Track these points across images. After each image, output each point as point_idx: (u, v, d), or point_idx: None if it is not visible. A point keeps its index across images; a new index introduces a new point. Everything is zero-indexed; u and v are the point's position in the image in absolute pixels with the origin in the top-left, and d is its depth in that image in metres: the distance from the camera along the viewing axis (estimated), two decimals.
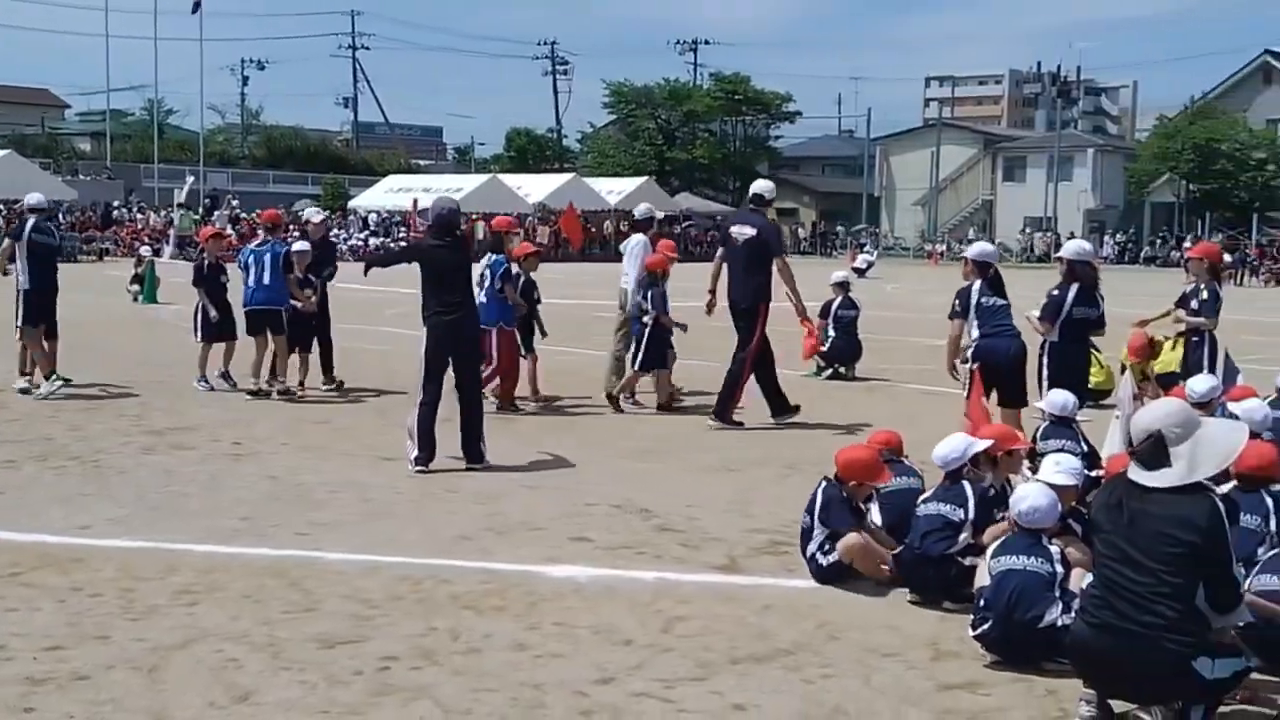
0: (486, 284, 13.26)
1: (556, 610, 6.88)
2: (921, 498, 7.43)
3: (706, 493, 9.85)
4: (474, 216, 56.09)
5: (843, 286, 18.05)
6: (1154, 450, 5.19)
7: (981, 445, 7.52)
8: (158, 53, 73.88)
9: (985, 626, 6.22)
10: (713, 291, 13.35)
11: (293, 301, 14.33)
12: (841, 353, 17.38)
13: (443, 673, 5.93)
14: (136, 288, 28.47)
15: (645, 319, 13.75)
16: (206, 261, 15.22)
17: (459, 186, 58.99)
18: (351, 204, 63.02)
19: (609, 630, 6.56)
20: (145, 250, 33.54)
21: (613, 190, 64.05)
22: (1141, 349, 13.24)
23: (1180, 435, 5.19)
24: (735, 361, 12.87)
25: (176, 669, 5.91)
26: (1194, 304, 12.21)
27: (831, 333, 17.37)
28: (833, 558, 7.39)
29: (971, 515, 7.10)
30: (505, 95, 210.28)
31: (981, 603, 6.30)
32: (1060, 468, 6.99)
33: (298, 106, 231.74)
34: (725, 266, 13.20)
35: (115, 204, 56.39)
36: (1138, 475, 5.23)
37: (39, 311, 13.92)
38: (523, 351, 13.85)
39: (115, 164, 67.60)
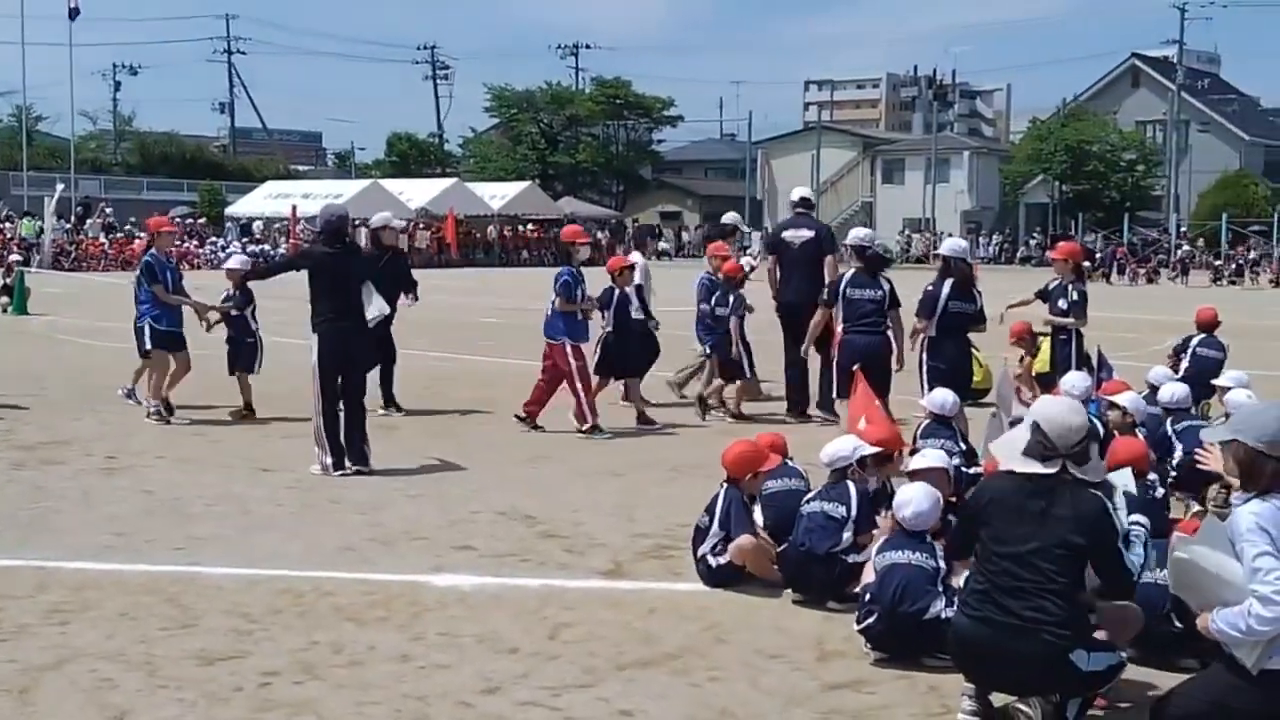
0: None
1: (441, 620, 6.83)
2: (805, 498, 7.50)
3: (591, 498, 9.85)
4: (414, 221, 55.79)
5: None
6: (1088, 447, 5.34)
7: (869, 450, 7.61)
8: (25, 57, 71.93)
9: (870, 620, 6.30)
10: (779, 294, 13.70)
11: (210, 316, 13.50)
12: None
13: (325, 686, 5.84)
14: (5, 299, 27.67)
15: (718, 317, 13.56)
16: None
17: (339, 192, 58.13)
18: (229, 211, 61.91)
19: (494, 639, 6.52)
20: (15, 259, 32.61)
21: (495, 195, 63.80)
22: (1023, 333, 13.65)
23: (1093, 431, 5.40)
24: (793, 361, 13.39)
25: (49, 690, 5.75)
26: (1062, 304, 12.49)
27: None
28: (723, 559, 7.42)
29: (854, 513, 7.20)
30: (386, 100, 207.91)
31: (867, 597, 6.39)
32: (926, 454, 7.22)
33: (172, 112, 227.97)
34: (779, 269, 13.64)
35: None
36: (1077, 472, 5.31)
37: None
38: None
39: None
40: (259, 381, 13.48)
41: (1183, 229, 64.75)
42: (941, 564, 6.37)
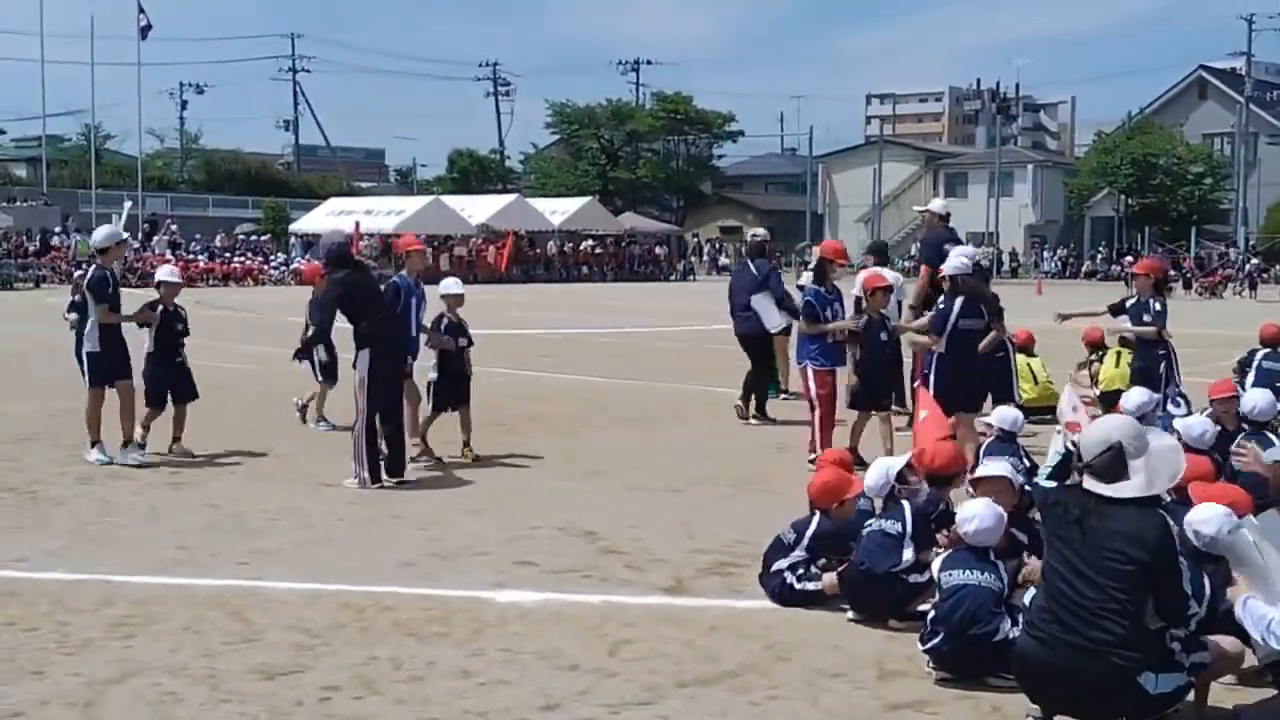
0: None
1: (501, 636, 6.83)
2: (867, 521, 7.46)
3: (650, 514, 9.83)
4: (479, 238, 56.07)
5: None
6: (1114, 462, 5.21)
7: (899, 462, 7.60)
8: (95, 77, 73.21)
9: (935, 641, 6.24)
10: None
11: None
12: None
13: (385, 702, 5.87)
14: (74, 316, 28.07)
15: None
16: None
17: (401, 209, 58.81)
18: (293, 227, 62.58)
19: (555, 655, 6.52)
20: (79, 275, 33.08)
21: (556, 210, 64.04)
22: (1098, 340, 13.59)
23: (1138, 448, 5.24)
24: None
25: (113, 704, 5.81)
26: (1146, 318, 12.42)
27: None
28: (810, 586, 7.35)
29: (909, 529, 7.14)
30: (448, 117, 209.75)
31: (931, 614, 6.33)
32: (989, 464, 7.21)
33: (238, 130, 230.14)
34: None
35: (55, 230, 55.72)
36: (1096, 486, 5.23)
37: None
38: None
39: (52, 190, 66.80)
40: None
41: (1251, 243, 63.84)
42: (1006, 584, 6.31)
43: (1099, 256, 71.79)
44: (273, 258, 56.54)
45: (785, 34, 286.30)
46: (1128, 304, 12.80)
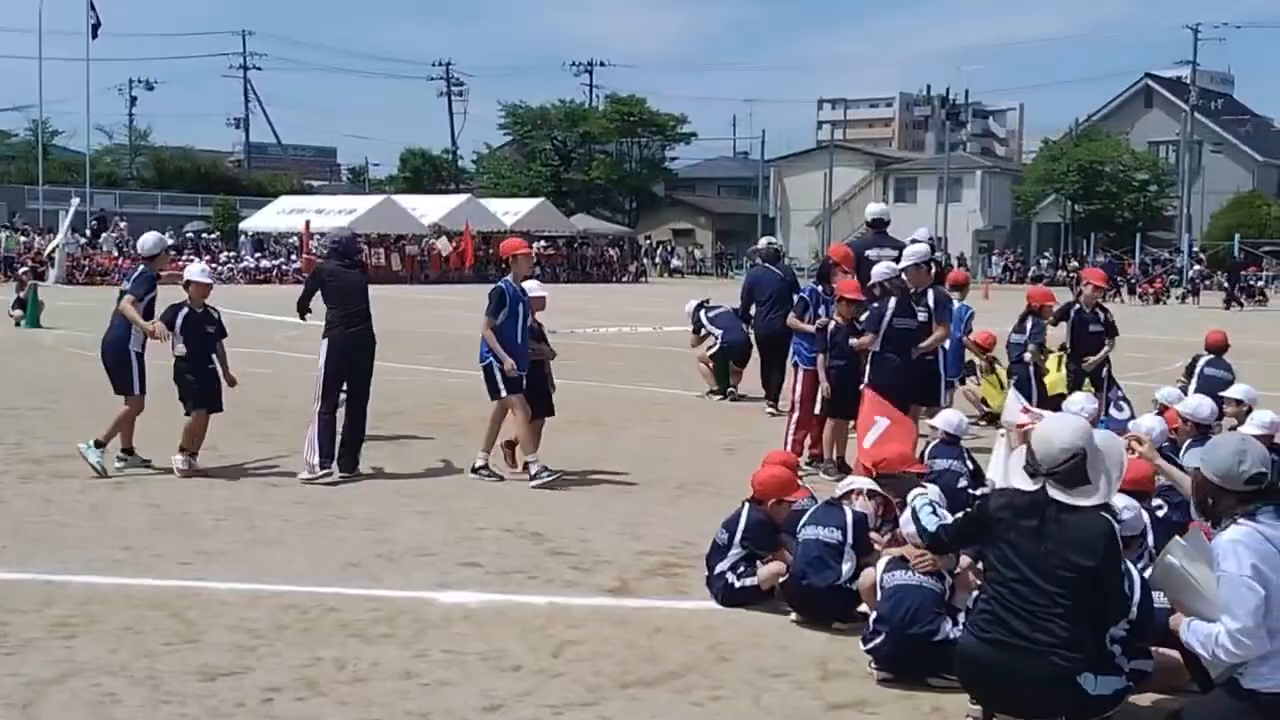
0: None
1: (445, 637, 6.81)
2: (802, 520, 7.47)
3: (598, 515, 9.83)
4: (432, 236, 55.88)
5: (700, 304, 17.94)
6: (1077, 469, 5.26)
7: (860, 484, 7.68)
8: (43, 73, 72.17)
9: (878, 640, 6.28)
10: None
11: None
12: (732, 351, 17.28)
13: (327, 703, 5.83)
14: (19, 312, 27.75)
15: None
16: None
17: (353, 207, 58.43)
18: (243, 225, 62.09)
19: (499, 656, 6.50)
20: (25, 272, 32.74)
21: (509, 211, 63.81)
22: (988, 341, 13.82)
23: (1092, 453, 5.30)
24: None
25: (53, 704, 5.74)
26: (1095, 327, 13.00)
27: (718, 331, 17.31)
28: (749, 582, 7.38)
29: (850, 539, 7.17)
30: (400, 116, 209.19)
31: (874, 615, 6.36)
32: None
33: (188, 127, 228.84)
34: None
35: (2, 225, 54.99)
36: (1060, 494, 5.28)
37: None
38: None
39: None
40: (267, 395, 13.47)
41: (1195, 249, 64.62)
42: (947, 586, 6.35)
43: (1045, 262, 72.37)
44: (221, 256, 56.00)
45: (738, 38, 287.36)
46: (1072, 311, 13.03)
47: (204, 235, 60.54)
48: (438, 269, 54.92)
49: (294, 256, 52.62)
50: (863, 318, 11.41)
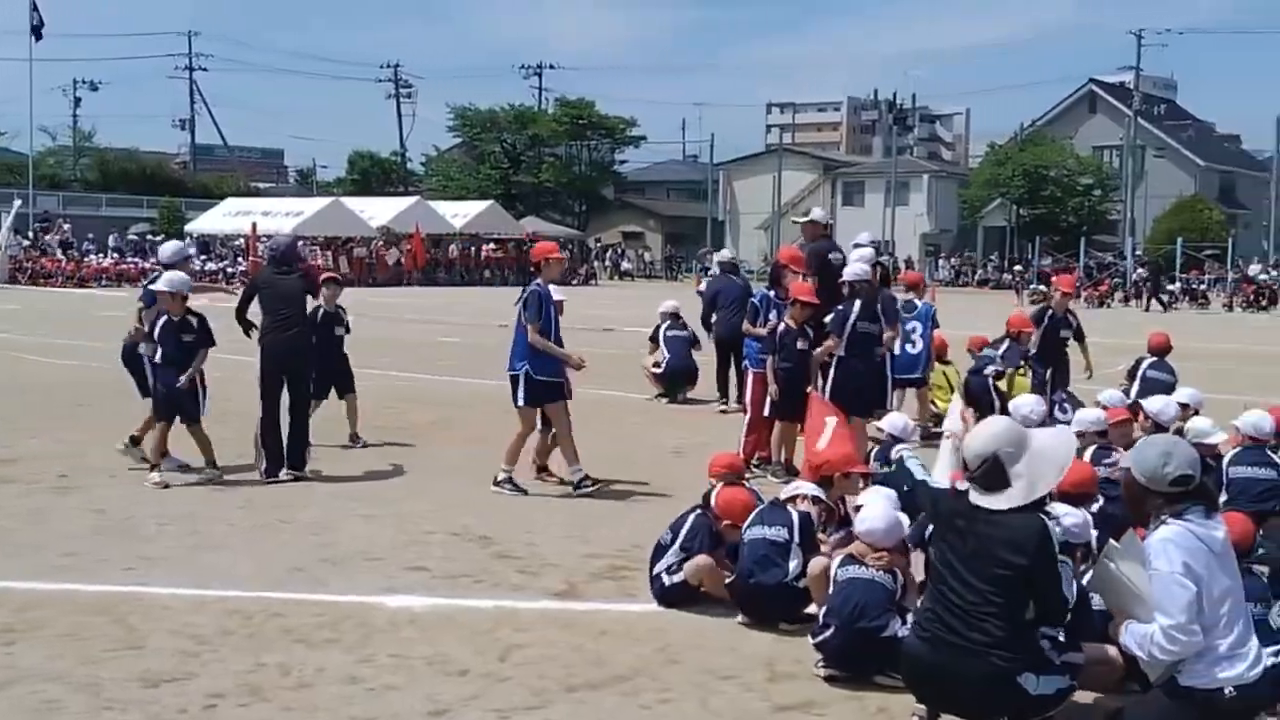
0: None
1: (392, 641, 6.78)
2: (748, 521, 7.50)
3: (546, 519, 9.82)
4: (380, 240, 55.60)
5: (672, 315, 18.03)
6: (992, 472, 5.28)
7: (805, 489, 7.68)
8: None
9: (826, 634, 6.31)
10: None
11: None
12: (677, 375, 17.45)
13: (271, 709, 5.79)
14: None
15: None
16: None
17: (300, 210, 58.04)
18: (189, 227, 61.48)
19: (444, 661, 6.48)
20: None
21: (457, 213, 63.57)
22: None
23: (1015, 454, 5.29)
24: None
25: None
26: (1065, 332, 13.56)
27: (666, 354, 17.45)
28: (678, 578, 7.41)
29: (796, 538, 7.20)
30: (348, 118, 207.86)
31: (824, 609, 6.40)
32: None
33: (133, 128, 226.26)
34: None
35: None
36: (980, 499, 5.31)
37: None
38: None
39: None
40: (213, 399, 13.33)
41: (1138, 252, 65.31)
42: (900, 585, 6.40)
43: (991, 265, 72.87)
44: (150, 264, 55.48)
45: (688, 42, 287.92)
46: (1046, 316, 13.40)
47: (148, 237, 59.93)
48: (385, 272, 54.62)
49: (240, 259, 52.17)
50: (827, 319, 11.44)
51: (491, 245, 64.20)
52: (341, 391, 12.97)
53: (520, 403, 10.70)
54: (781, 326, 11.71)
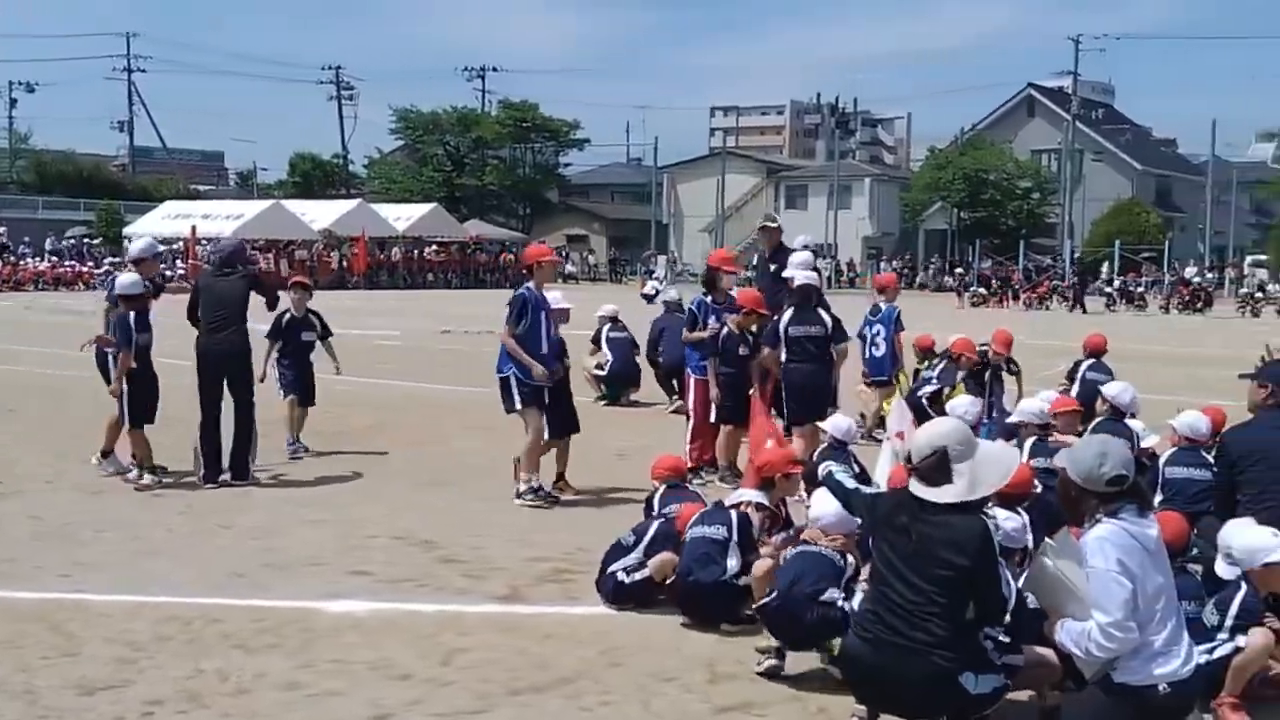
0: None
1: (333, 647, 6.74)
2: (689, 522, 7.53)
3: (490, 522, 9.79)
4: (322, 243, 55.18)
5: (612, 319, 18.04)
6: (937, 465, 5.31)
7: (750, 496, 7.69)
8: None
9: (768, 599, 6.39)
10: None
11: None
12: (620, 378, 17.46)
13: (210, 715, 5.74)
14: None
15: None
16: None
17: (240, 213, 57.58)
18: (127, 230, 60.76)
19: (387, 665, 6.45)
20: None
21: (400, 216, 63.37)
22: (929, 347, 14.12)
23: (962, 453, 5.33)
24: None
25: None
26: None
27: (609, 356, 17.47)
28: (640, 575, 7.44)
29: (735, 536, 7.25)
30: (289, 120, 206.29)
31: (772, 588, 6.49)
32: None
33: (70, 130, 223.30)
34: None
35: None
36: (920, 490, 5.34)
37: None
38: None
39: None
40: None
41: (1076, 255, 66.07)
42: (849, 567, 6.45)
43: (932, 268, 73.49)
44: (105, 262, 54.80)
45: (631, 45, 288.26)
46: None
47: (85, 240, 59.23)
48: (327, 275, 54.25)
49: (179, 262, 51.61)
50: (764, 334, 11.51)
51: (435, 248, 64.00)
52: (301, 400, 12.84)
53: (517, 406, 10.41)
54: (725, 331, 11.72)
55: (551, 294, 11.04)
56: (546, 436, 10.79)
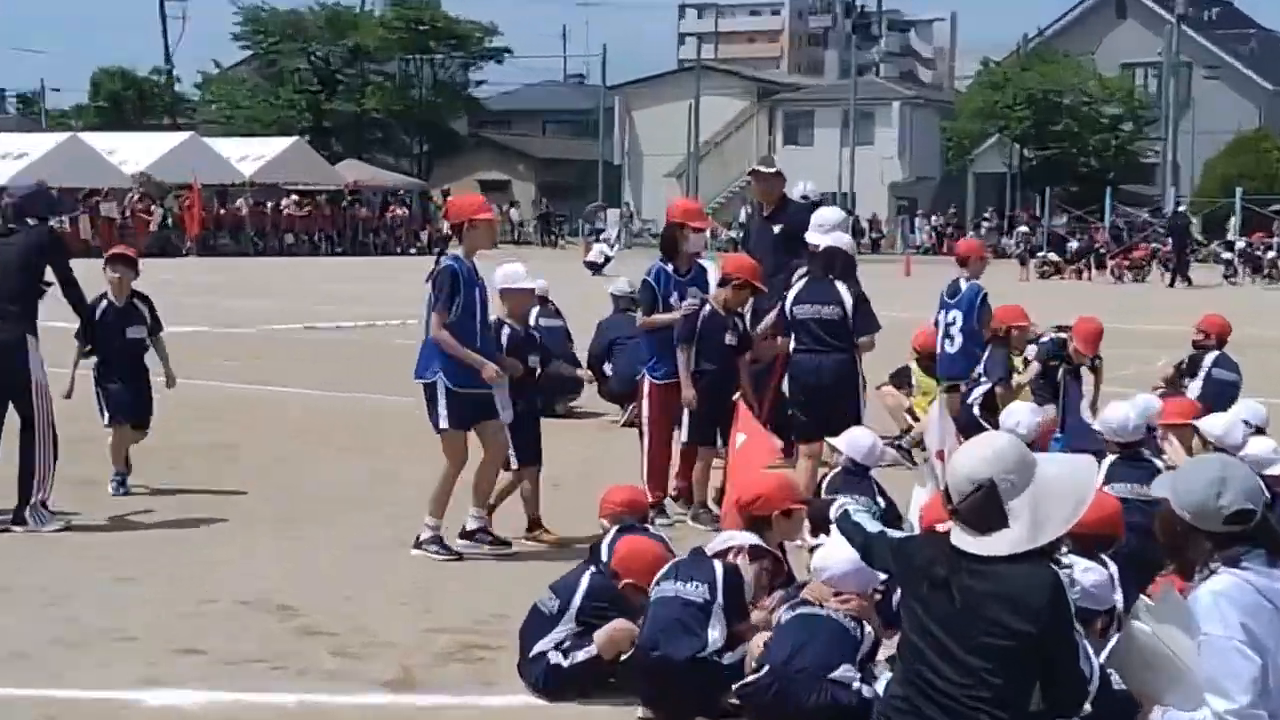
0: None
1: None
2: (659, 574, 7.52)
3: (372, 579, 9.80)
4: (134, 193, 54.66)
5: (541, 299, 17.96)
6: (985, 505, 5.29)
7: (740, 540, 7.71)
8: None
9: (756, 677, 6.46)
10: None
11: None
12: (551, 379, 17.31)
13: None
14: None
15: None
16: None
17: (23, 150, 57.24)
18: None
19: None
20: None
21: (248, 155, 63.23)
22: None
23: (1017, 483, 5.30)
24: None
25: None
26: None
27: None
28: (581, 655, 7.42)
29: (720, 597, 7.23)
30: (93, 23, 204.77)
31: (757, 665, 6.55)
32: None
33: None
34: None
35: None
36: (965, 542, 5.32)
37: None
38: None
39: None
40: None
41: (1182, 208, 66.45)
42: (867, 639, 6.47)
43: (985, 226, 73.75)
44: None
45: None
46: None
47: None
48: (145, 237, 53.81)
49: None
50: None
51: (296, 199, 63.77)
52: (130, 418, 12.41)
53: (442, 425, 10.32)
54: (706, 310, 11.63)
55: (511, 268, 11.10)
56: (516, 465, 10.81)
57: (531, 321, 17.53)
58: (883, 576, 6.72)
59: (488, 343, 10.44)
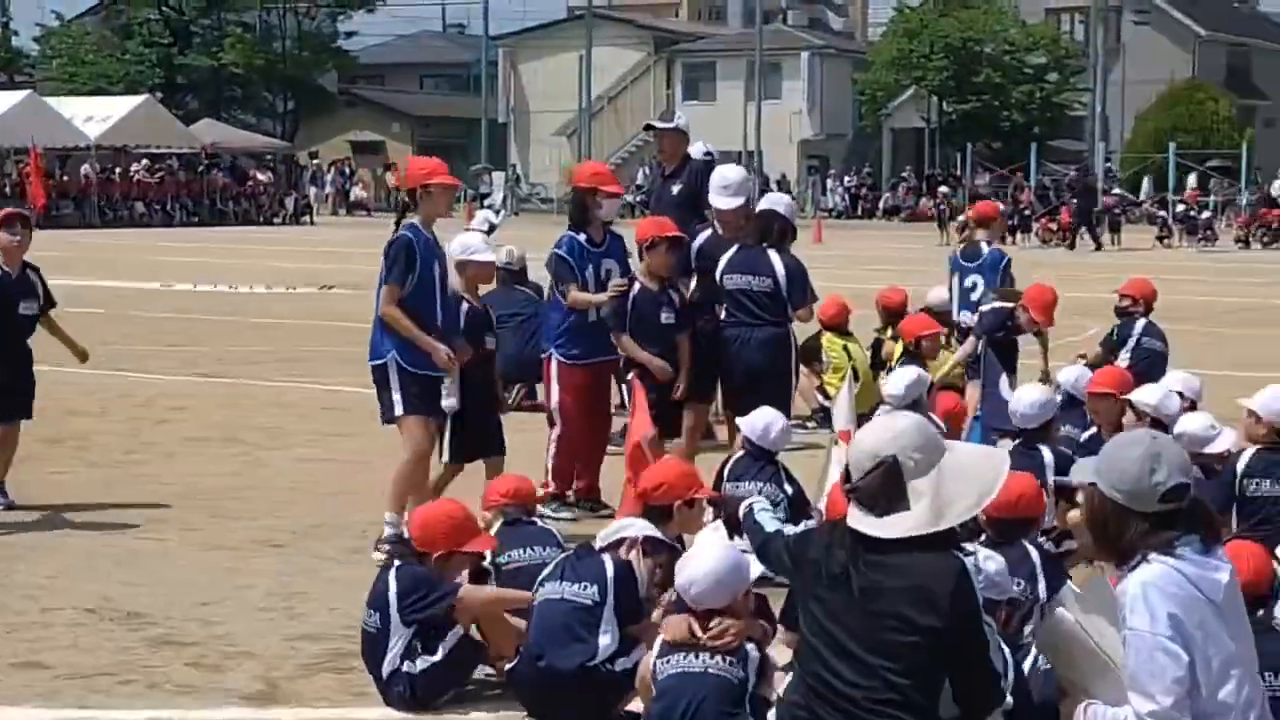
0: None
1: None
2: (541, 575, 7.51)
3: (233, 583, 9.76)
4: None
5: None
6: (886, 483, 5.27)
7: (634, 530, 7.68)
8: None
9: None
10: None
11: None
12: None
13: None
14: None
15: None
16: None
17: None
18: None
19: None
20: None
21: (93, 116, 62.56)
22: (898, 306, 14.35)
23: (922, 462, 5.29)
24: None
25: None
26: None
27: None
28: (435, 658, 7.39)
29: (610, 597, 7.23)
30: None
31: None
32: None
33: None
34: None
35: None
36: (862, 523, 5.29)
37: None
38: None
39: None
40: None
41: (1111, 166, 67.07)
42: (753, 674, 6.46)
43: (902, 186, 74.22)
44: None
45: None
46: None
47: None
48: None
49: None
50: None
51: (147, 164, 63.24)
52: (6, 414, 11.84)
53: (398, 411, 10.17)
54: (636, 288, 11.36)
55: (468, 237, 11.04)
56: (447, 459, 10.69)
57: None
58: (758, 570, 6.70)
59: (449, 320, 10.35)
